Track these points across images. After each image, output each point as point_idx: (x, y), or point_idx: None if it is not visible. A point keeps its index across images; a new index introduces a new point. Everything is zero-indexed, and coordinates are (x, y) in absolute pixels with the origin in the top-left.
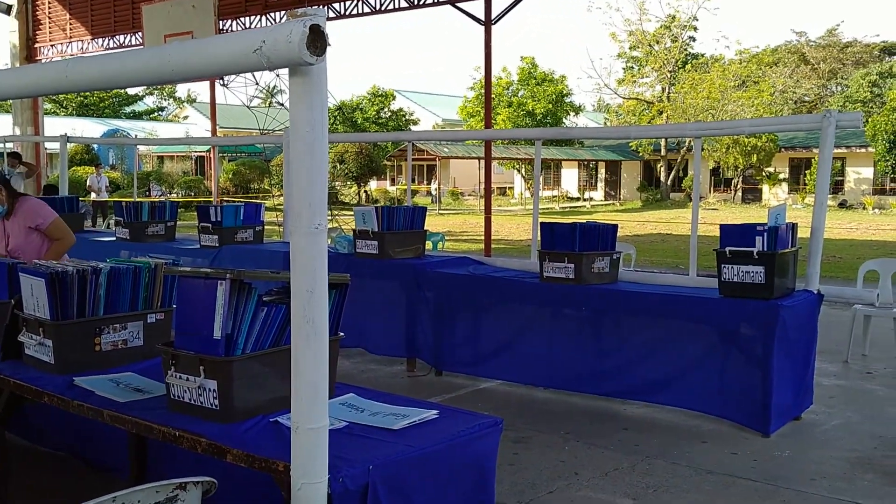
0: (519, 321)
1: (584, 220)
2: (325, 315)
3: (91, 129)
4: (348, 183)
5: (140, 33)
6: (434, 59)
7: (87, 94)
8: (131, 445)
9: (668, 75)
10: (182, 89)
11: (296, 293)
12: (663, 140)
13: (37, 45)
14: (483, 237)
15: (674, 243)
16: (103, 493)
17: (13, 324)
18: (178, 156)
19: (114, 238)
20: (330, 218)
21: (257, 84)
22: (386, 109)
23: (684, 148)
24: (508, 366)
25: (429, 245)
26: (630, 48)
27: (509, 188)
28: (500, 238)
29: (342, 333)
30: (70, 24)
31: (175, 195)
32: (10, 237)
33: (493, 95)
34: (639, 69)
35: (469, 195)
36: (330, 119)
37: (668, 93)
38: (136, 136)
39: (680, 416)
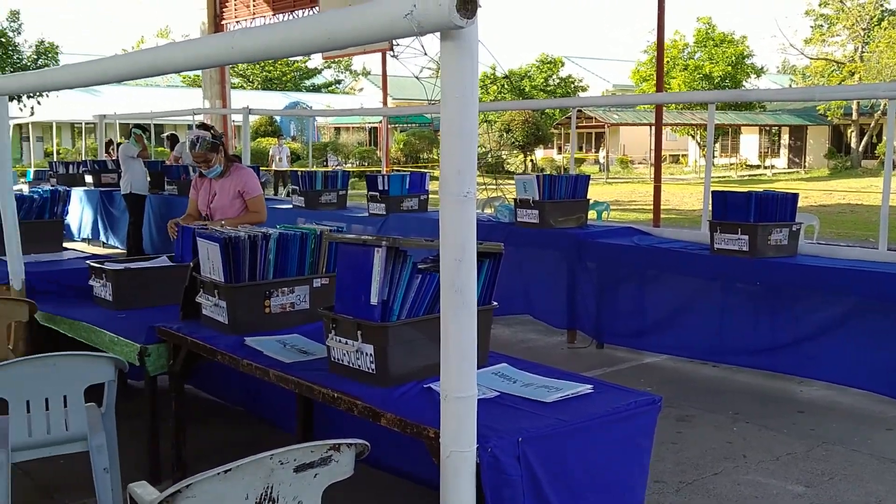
0: (686, 294)
1: (762, 189)
2: (473, 284)
3: (274, 101)
4: (514, 152)
5: (317, 8)
6: (606, 24)
7: (271, 68)
8: (299, 404)
9: (862, 33)
10: (357, 62)
11: (444, 262)
12: (855, 103)
13: (223, 22)
14: (652, 207)
15: (864, 214)
16: (272, 449)
17: (192, 285)
18: (353, 127)
19: (290, 206)
20: (494, 186)
21: (426, 54)
22: (554, 77)
23: (878, 111)
24: (674, 340)
25: (593, 214)
26: (819, 5)
27: (682, 156)
28: (670, 208)
29: (495, 303)
30: (253, 0)
31: (350, 165)
32: (217, 196)
33: (667, 59)
34: (828, 27)
35: (639, 163)
36: (497, 88)
37: (861, 52)
38: (313, 108)
39: (863, 401)
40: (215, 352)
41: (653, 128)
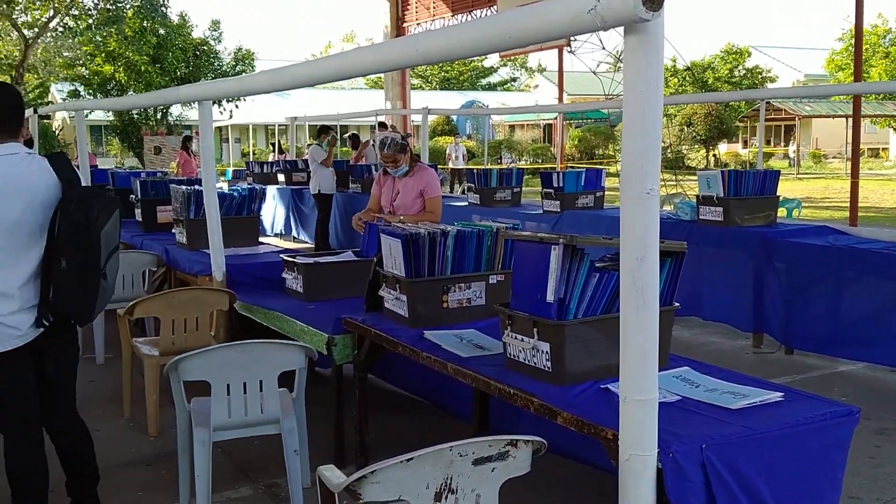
0: (889, 298)
1: None
2: (655, 284)
3: (451, 101)
4: (695, 146)
5: (495, 7)
6: (796, 10)
7: (448, 68)
8: (475, 397)
9: None
10: (533, 59)
11: (625, 260)
12: None
13: (405, 25)
14: (848, 204)
15: None
16: (452, 440)
17: (376, 279)
18: (527, 124)
19: (466, 203)
20: (673, 183)
21: (604, 48)
22: (740, 67)
23: None
24: (872, 347)
25: (782, 212)
26: None
27: (883, 149)
28: (868, 206)
29: (677, 304)
30: (434, 3)
31: (524, 162)
32: (399, 195)
33: (866, 45)
34: None
35: (833, 158)
36: (678, 80)
37: None
38: (489, 106)
39: None
40: (396, 344)
41: (849, 120)
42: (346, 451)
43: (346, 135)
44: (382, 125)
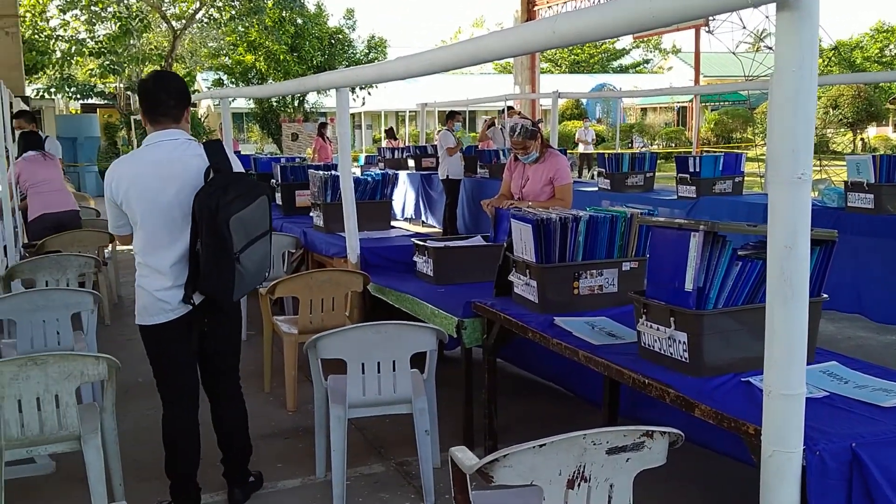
0: None
1: None
2: (805, 274)
3: (581, 84)
4: (841, 130)
5: None
6: None
7: (579, 51)
8: (606, 385)
9: None
10: (667, 40)
11: (773, 249)
12: None
13: (535, 9)
14: None
15: None
16: (580, 426)
17: (505, 264)
18: (660, 107)
19: (596, 188)
20: (817, 168)
21: (744, 28)
22: (891, 46)
23: None
24: None
25: None
26: None
27: None
28: None
29: (825, 295)
30: None
31: (656, 146)
32: (529, 181)
33: None
34: None
35: None
36: (823, 61)
37: None
38: (620, 89)
39: None
40: (526, 329)
41: None
42: (475, 434)
43: (487, 118)
44: (511, 110)
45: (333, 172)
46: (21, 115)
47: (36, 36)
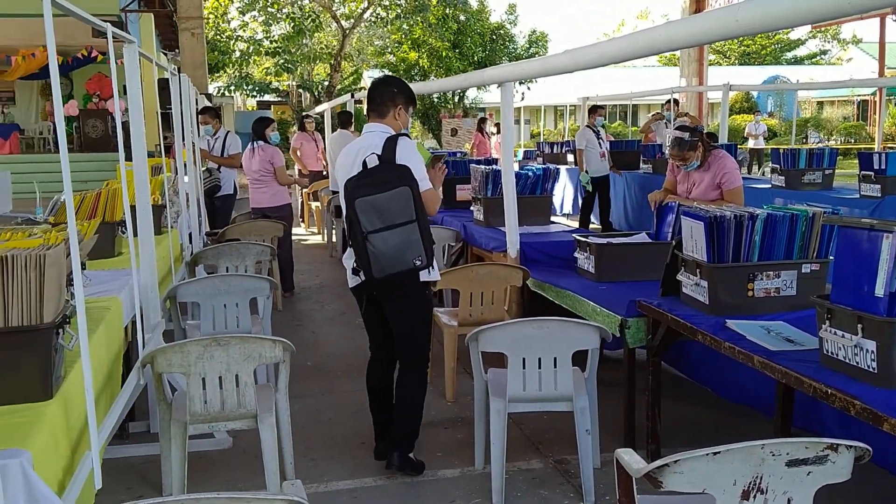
0: None
1: None
2: None
3: (751, 76)
4: None
5: None
6: None
7: (749, 42)
8: (779, 393)
9: None
10: (846, 30)
11: None
12: None
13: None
14: None
15: None
16: (742, 433)
17: (673, 263)
18: (838, 100)
19: (768, 185)
20: None
21: None
22: None
23: None
24: None
25: None
26: None
27: None
28: None
29: None
30: None
31: (833, 142)
32: (696, 187)
33: None
34: None
35: None
36: None
37: None
38: (795, 81)
39: None
40: (696, 331)
41: None
42: (637, 436)
43: (651, 114)
44: (675, 103)
45: (495, 167)
46: (206, 111)
47: (218, 37)
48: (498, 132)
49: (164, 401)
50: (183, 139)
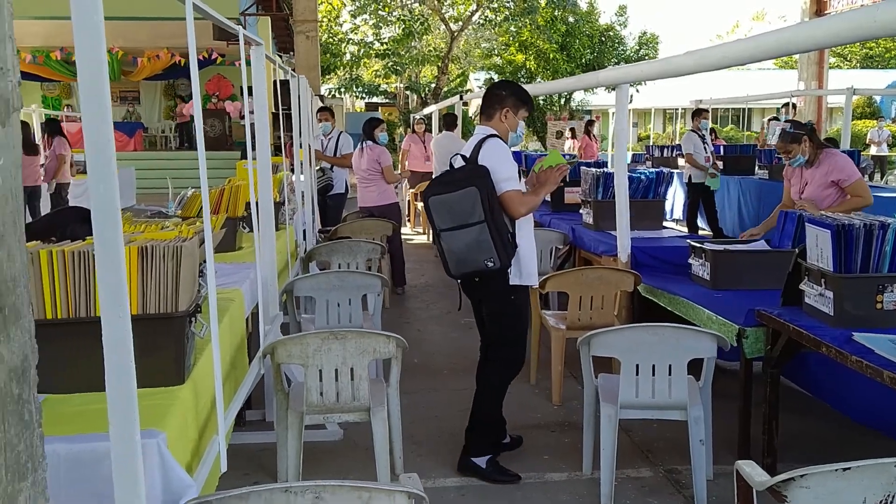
0: None
1: None
2: None
3: (874, 80)
4: None
5: None
6: None
7: (873, 45)
8: None
9: None
10: None
11: None
12: None
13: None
14: None
15: None
16: (863, 450)
17: (796, 272)
18: None
19: (894, 194)
20: None
21: None
22: None
23: None
24: None
25: None
26: None
27: None
28: None
29: None
30: None
31: None
32: (808, 186)
33: None
34: None
35: None
36: None
37: None
38: None
39: None
40: (820, 343)
41: None
42: (752, 449)
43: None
44: (793, 107)
45: (605, 170)
46: (323, 110)
47: (330, 40)
48: (573, 136)
49: (282, 391)
50: (300, 139)
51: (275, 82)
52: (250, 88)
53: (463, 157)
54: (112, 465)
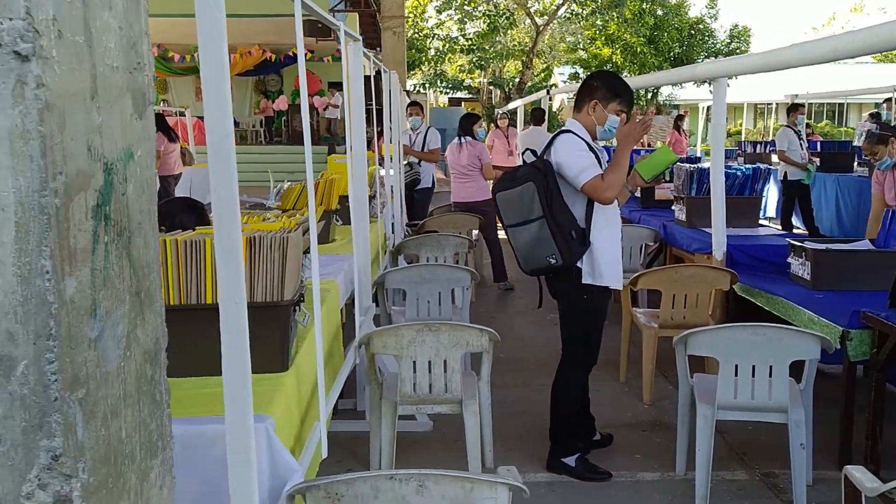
0: None
1: None
2: None
3: None
4: None
5: None
6: None
7: None
8: None
9: None
10: None
11: None
12: None
13: None
14: None
15: None
16: None
17: None
18: None
19: None
20: None
21: None
22: None
23: None
24: None
25: None
26: None
27: None
28: None
29: None
30: None
31: None
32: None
33: None
34: None
35: None
36: None
37: None
38: None
39: None
40: None
41: None
42: (853, 456)
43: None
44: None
45: (699, 165)
46: (414, 104)
47: (415, 35)
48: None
49: (376, 381)
50: (391, 134)
51: (366, 77)
52: (339, 83)
53: (533, 152)
54: (227, 448)
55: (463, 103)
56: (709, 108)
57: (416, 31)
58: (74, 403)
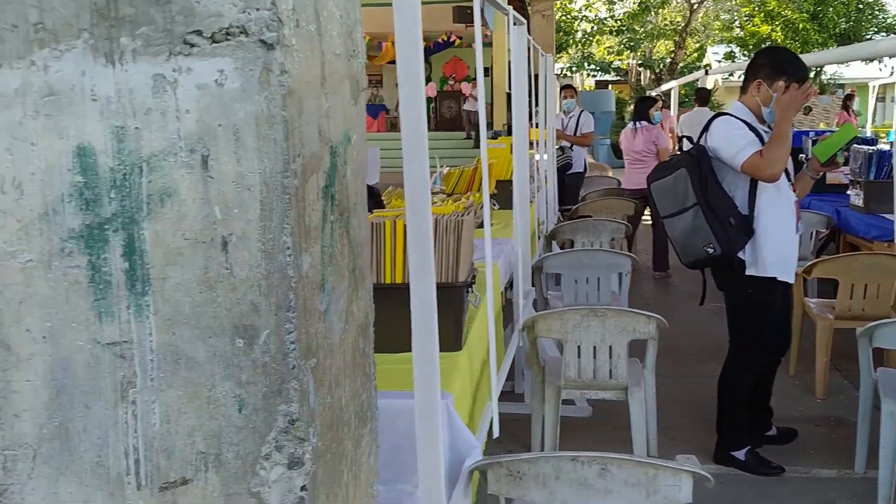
0: None
1: None
2: None
3: None
4: None
5: None
6: None
7: None
8: None
9: None
10: None
11: None
12: None
13: None
14: None
15: None
16: None
17: None
18: None
19: None
20: None
21: None
22: None
23: None
24: None
25: None
26: None
27: None
28: None
29: None
30: None
31: None
32: None
33: None
34: None
35: None
36: None
37: None
38: None
39: None
40: None
41: None
42: None
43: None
44: None
45: (880, 147)
46: (568, 87)
47: (564, 17)
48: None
49: (538, 364)
50: (545, 118)
51: (509, 63)
52: (486, 69)
53: (689, 138)
54: (416, 423)
55: (610, 86)
56: (883, 86)
57: (564, 13)
58: (308, 371)
